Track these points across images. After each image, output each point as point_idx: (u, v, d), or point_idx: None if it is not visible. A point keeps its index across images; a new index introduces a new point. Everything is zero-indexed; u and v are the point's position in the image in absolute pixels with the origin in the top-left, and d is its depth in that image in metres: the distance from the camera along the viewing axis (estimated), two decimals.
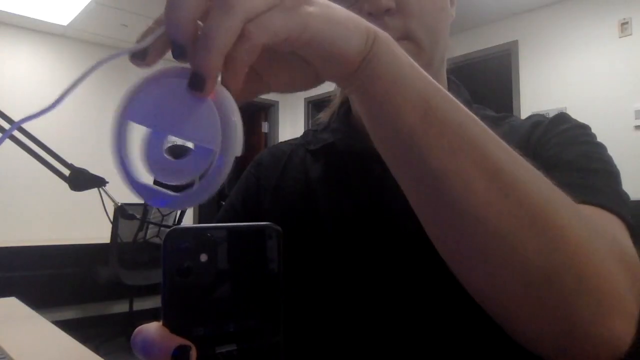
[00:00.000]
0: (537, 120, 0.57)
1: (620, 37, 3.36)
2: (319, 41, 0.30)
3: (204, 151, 0.28)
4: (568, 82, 3.60)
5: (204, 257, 0.27)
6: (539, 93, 3.74)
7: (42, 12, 3.78)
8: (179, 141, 0.29)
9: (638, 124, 3.23)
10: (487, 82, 3.79)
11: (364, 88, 0.33)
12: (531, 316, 0.33)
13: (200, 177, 0.28)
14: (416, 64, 0.35)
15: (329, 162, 0.61)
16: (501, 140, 0.34)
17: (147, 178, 0.30)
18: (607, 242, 0.35)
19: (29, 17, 3.88)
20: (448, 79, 0.63)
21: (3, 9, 3.71)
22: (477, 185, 0.32)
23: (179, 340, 0.26)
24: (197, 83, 0.27)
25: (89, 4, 3.65)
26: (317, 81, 0.35)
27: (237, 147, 0.28)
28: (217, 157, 0.28)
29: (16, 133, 0.94)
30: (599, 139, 0.54)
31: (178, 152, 0.29)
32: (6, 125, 0.93)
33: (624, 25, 3.34)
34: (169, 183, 0.29)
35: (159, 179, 0.29)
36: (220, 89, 0.29)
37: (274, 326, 0.28)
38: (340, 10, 0.32)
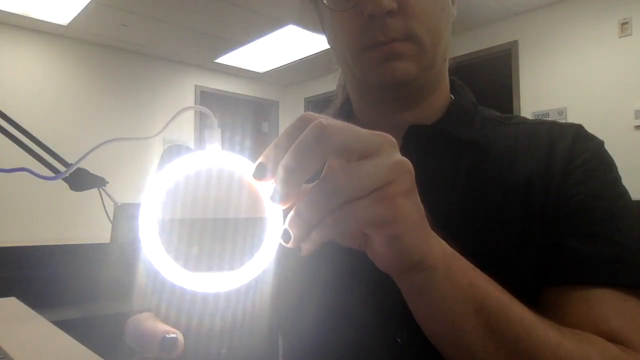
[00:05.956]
0: (555, 137, 0.54)
1: (620, 37, 3.36)
2: (398, 244, 0.31)
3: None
4: (568, 82, 3.59)
5: (195, 249, 0.27)
6: (539, 93, 3.74)
7: (42, 12, 3.78)
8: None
9: (638, 124, 3.23)
10: (487, 82, 3.78)
11: (416, 287, 0.35)
12: None
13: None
14: (471, 265, 0.37)
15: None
16: (552, 341, 0.37)
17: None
18: None
19: (29, 17, 3.87)
20: (452, 80, 0.63)
21: (3, 9, 3.70)
22: None
23: (167, 329, 0.27)
24: (286, 238, 0.28)
25: (89, 4, 3.64)
26: (359, 248, 0.35)
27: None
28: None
29: (16, 133, 0.93)
30: (599, 138, 0.54)
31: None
32: (6, 125, 0.92)
33: (624, 25, 3.34)
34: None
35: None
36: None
37: (266, 319, 0.28)
38: (421, 211, 0.32)
